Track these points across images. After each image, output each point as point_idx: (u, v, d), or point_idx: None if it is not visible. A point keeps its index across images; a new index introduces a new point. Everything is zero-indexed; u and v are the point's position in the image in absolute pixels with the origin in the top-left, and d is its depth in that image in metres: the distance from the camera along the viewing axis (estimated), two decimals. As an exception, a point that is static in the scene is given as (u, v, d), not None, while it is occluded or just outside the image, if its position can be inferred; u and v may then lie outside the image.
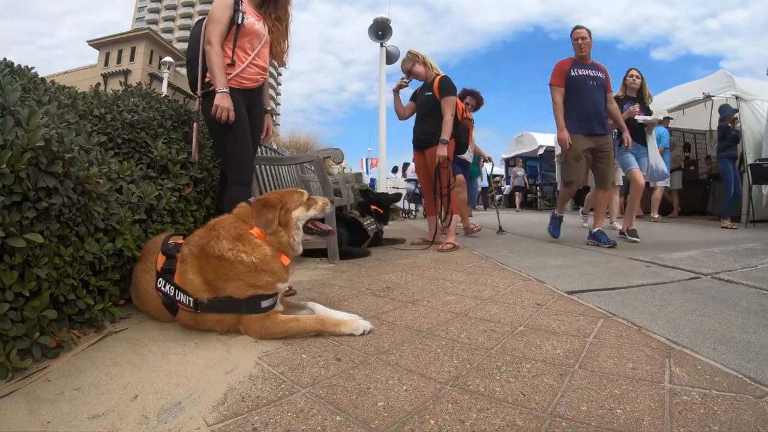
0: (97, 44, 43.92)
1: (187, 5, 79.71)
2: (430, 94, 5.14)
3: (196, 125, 3.08)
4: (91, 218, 2.04)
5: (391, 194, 6.46)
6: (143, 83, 3.68)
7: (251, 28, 3.09)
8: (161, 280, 2.05)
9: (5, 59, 2.59)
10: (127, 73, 39.93)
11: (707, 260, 3.95)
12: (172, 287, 2.01)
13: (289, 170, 5.66)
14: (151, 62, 42.38)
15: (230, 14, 2.98)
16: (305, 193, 2.25)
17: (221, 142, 3.07)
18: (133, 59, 42.49)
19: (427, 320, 2.26)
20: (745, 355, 1.74)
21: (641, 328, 2.08)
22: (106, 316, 2.11)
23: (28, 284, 1.64)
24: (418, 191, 12.14)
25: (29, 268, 1.67)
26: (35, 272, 1.67)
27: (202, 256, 1.99)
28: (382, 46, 12.33)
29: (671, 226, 8.30)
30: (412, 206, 14.07)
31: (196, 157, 3.08)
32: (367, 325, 2.04)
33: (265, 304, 1.97)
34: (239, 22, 3.01)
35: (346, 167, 24.87)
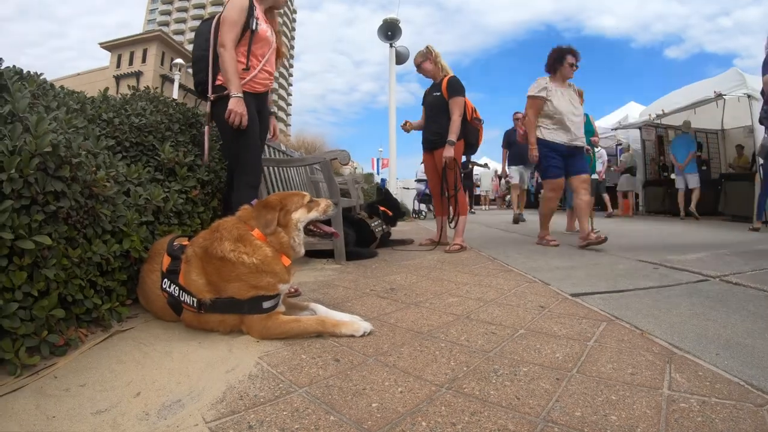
0: (109, 46, 44.39)
1: (198, 7, 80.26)
2: (438, 94, 5.14)
3: (207, 128, 3.12)
4: (98, 220, 2.08)
5: (401, 208, 6.46)
6: (151, 87, 3.73)
7: (264, 34, 3.14)
8: (166, 280, 2.08)
9: (14, 66, 2.64)
10: (138, 74, 40.35)
11: (716, 262, 3.90)
12: (176, 288, 2.04)
13: (298, 171, 5.69)
14: (162, 64, 42.75)
15: (245, 19, 3.00)
16: (307, 195, 2.26)
17: (233, 145, 3.11)
18: (144, 61, 42.87)
19: (428, 322, 2.26)
20: (748, 361, 1.70)
21: (644, 332, 2.06)
22: (113, 315, 2.15)
23: (36, 284, 1.69)
24: (427, 191, 12.16)
25: (38, 268, 1.71)
26: (44, 273, 1.71)
27: (205, 257, 2.03)
28: (391, 46, 12.36)
29: (682, 226, 8.24)
30: (422, 207, 14.07)
31: (207, 159, 3.12)
32: (367, 326, 2.05)
33: (266, 304, 1.99)
34: (254, 28, 3.04)
35: (357, 167, 24.91)
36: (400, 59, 12.39)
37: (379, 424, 1.27)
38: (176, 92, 22.10)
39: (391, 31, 12.23)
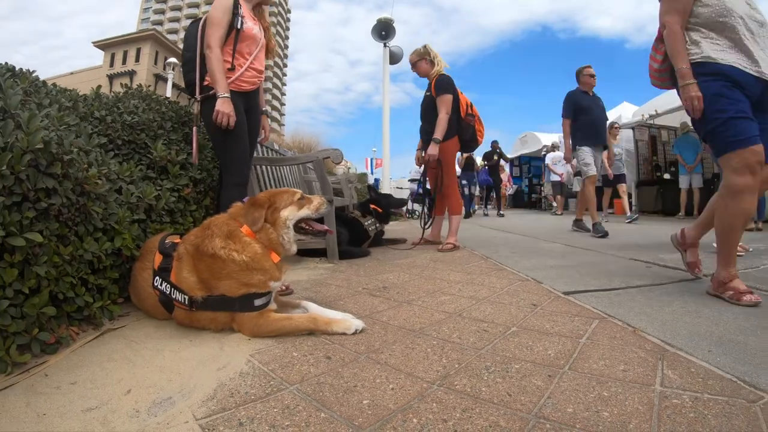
0: (102, 45, 44.21)
1: (192, 6, 79.96)
2: (428, 93, 5.15)
3: (195, 128, 3.12)
4: (89, 218, 2.08)
5: (396, 198, 6.43)
6: (143, 85, 3.72)
7: (250, 32, 3.12)
8: (158, 278, 2.08)
9: (7, 63, 2.64)
10: (132, 74, 40.21)
11: (709, 261, 3.91)
12: (168, 285, 2.04)
13: (291, 170, 5.68)
14: (156, 63, 42.62)
15: (229, 18, 3.00)
16: (298, 192, 2.26)
17: (220, 144, 3.11)
18: (138, 60, 42.72)
19: (420, 320, 2.26)
20: (741, 357, 1.71)
21: (636, 329, 2.06)
22: (104, 313, 2.15)
23: (27, 282, 1.68)
24: (421, 191, 12.15)
25: (29, 266, 1.71)
26: (35, 270, 1.71)
27: (196, 254, 2.03)
28: (385, 46, 12.35)
29: (676, 225, 8.26)
30: (415, 206, 14.06)
31: (196, 159, 3.11)
32: (359, 324, 2.05)
33: (258, 302, 1.99)
34: (239, 26, 3.03)
35: (351, 167, 24.90)
36: (394, 59, 12.38)
37: (369, 420, 1.27)
38: (170, 91, 22.00)
39: (385, 30, 12.22)
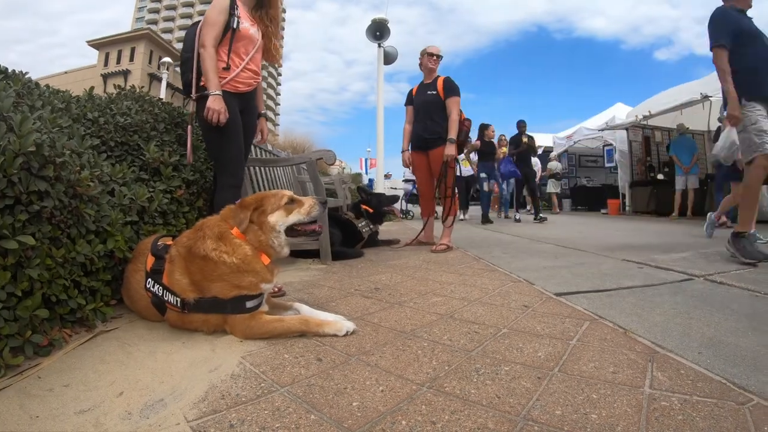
0: (96, 44, 43.96)
1: (186, 5, 79.62)
2: (434, 93, 5.25)
3: (190, 128, 3.12)
4: (82, 220, 2.08)
5: (388, 195, 6.45)
6: (137, 86, 3.72)
7: (246, 33, 3.13)
8: (150, 280, 2.09)
9: (-1, 65, 2.64)
10: (126, 73, 40.04)
11: (701, 261, 3.95)
12: (160, 287, 2.05)
13: (284, 171, 5.67)
14: (150, 62, 42.45)
15: (225, 18, 3.00)
16: (286, 196, 2.23)
17: (214, 144, 3.10)
18: (132, 59, 42.53)
19: (411, 321, 2.27)
20: (731, 359, 1.71)
21: (627, 331, 2.07)
22: (97, 315, 2.15)
23: (20, 284, 1.69)
24: (415, 192, 12.19)
25: (22, 268, 1.71)
26: (27, 273, 1.72)
27: (188, 256, 2.03)
28: (380, 46, 12.34)
29: (668, 226, 8.33)
30: (409, 207, 14.08)
31: (190, 159, 3.12)
32: (350, 325, 2.06)
33: (249, 304, 2.00)
34: (234, 26, 3.04)
35: (345, 168, 24.88)
36: (388, 59, 12.38)
37: (359, 423, 1.28)
38: (164, 91, 21.92)
39: (379, 31, 12.21)
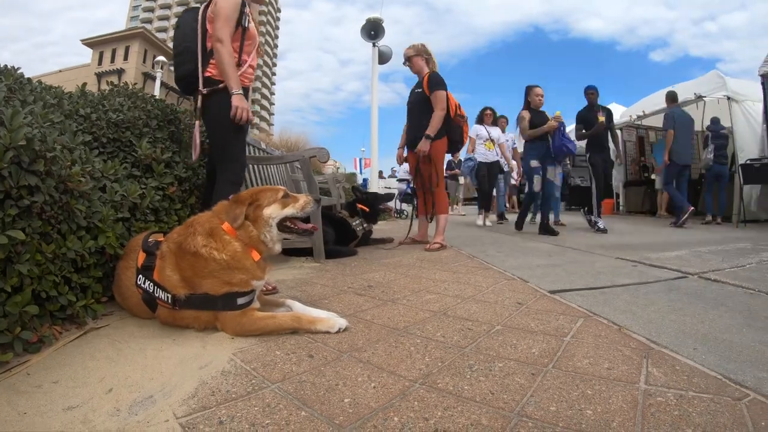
0: (90, 43, 43.83)
1: (181, 4, 79.26)
2: (420, 90, 5.15)
3: (198, 123, 3.07)
4: (73, 216, 2.06)
5: (382, 194, 6.46)
6: (129, 83, 3.70)
7: (253, 31, 3.15)
8: (141, 276, 2.08)
9: (-10, 61, 2.62)
10: (120, 72, 39.89)
11: (695, 260, 3.99)
12: (151, 284, 2.03)
13: (278, 170, 5.66)
14: (144, 61, 42.34)
15: (238, 15, 2.99)
16: (281, 190, 2.23)
17: (225, 142, 3.06)
18: (127, 58, 42.42)
19: (404, 318, 2.27)
20: (726, 355, 1.73)
21: (621, 327, 2.08)
22: (87, 312, 2.14)
23: (10, 280, 1.68)
24: (409, 191, 12.19)
25: (11, 264, 1.70)
26: (17, 268, 1.70)
27: (179, 252, 2.02)
28: (374, 46, 12.32)
29: (662, 225, 8.36)
30: (403, 206, 14.07)
31: (197, 156, 3.09)
32: (342, 322, 2.05)
33: (240, 301, 1.99)
34: (245, 25, 3.04)
35: (340, 167, 24.85)
36: (383, 59, 12.35)
37: (350, 419, 1.27)
38: (158, 90, 21.84)
39: (374, 30, 12.19)
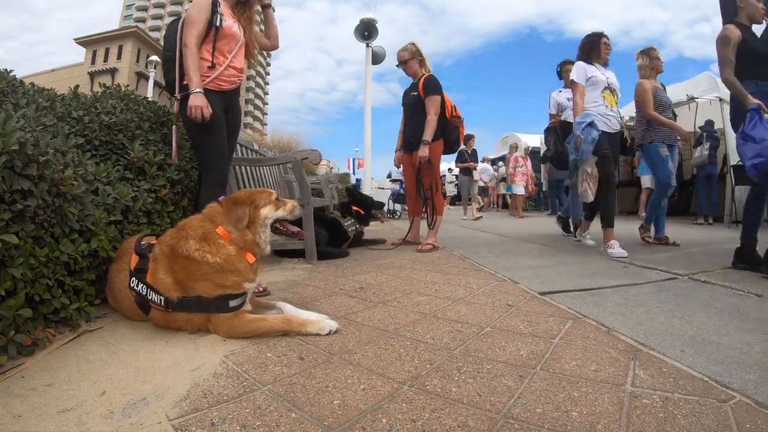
0: (84, 42, 43.57)
1: (175, 3, 78.77)
2: (415, 93, 5.14)
3: (175, 127, 3.12)
4: (66, 219, 2.07)
5: (375, 201, 6.50)
6: (123, 84, 3.70)
7: (229, 30, 3.14)
8: (134, 279, 2.09)
9: (-18, 64, 2.63)
10: (114, 71, 39.69)
11: (686, 260, 4.03)
12: (144, 286, 2.05)
13: (270, 171, 5.67)
14: (138, 61, 42.14)
15: (207, 16, 3.01)
16: (274, 192, 2.27)
17: (198, 143, 3.11)
18: (120, 58, 42.20)
19: (395, 321, 2.29)
20: (714, 357, 1.74)
21: (610, 329, 2.10)
22: (81, 315, 2.15)
23: (3, 284, 1.69)
24: (402, 191, 12.24)
25: (5, 268, 1.71)
26: (10, 272, 1.71)
27: (172, 255, 2.03)
28: (368, 46, 12.35)
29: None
30: (396, 206, 14.12)
31: (175, 159, 3.12)
32: (333, 324, 2.07)
33: (233, 303, 2.01)
34: (218, 24, 3.04)
35: (333, 167, 24.83)
36: (376, 59, 12.38)
37: (339, 421, 1.29)
38: (151, 89, 21.77)
39: (368, 31, 12.22)
